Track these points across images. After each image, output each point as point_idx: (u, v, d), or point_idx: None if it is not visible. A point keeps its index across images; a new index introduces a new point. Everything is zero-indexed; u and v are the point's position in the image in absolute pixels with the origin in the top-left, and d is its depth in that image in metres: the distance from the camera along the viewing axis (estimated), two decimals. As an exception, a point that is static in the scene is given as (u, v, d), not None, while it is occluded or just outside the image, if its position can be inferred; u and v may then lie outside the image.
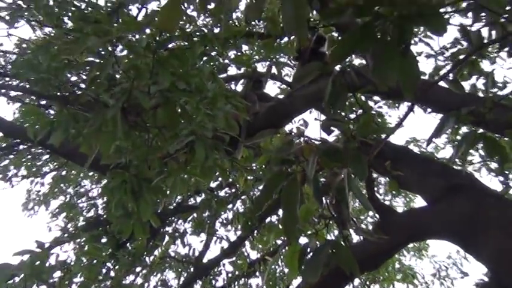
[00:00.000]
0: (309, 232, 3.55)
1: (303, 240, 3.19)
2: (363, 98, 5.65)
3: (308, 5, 1.79)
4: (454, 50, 4.61)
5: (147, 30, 3.35)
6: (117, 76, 3.28)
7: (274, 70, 6.25)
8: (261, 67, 6.45)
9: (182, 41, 3.54)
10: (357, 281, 7.89)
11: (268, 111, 5.39)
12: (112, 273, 6.54)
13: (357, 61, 7.21)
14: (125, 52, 3.31)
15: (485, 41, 2.95)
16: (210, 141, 3.46)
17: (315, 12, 5.87)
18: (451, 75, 3.47)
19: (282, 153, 3.07)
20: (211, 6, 5.29)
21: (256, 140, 4.28)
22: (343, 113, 4.52)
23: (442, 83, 4.30)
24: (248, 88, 5.83)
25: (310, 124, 4.10)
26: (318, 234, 3.30)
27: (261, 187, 7.47)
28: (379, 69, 1.68)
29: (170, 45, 3.29)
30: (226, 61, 5.29)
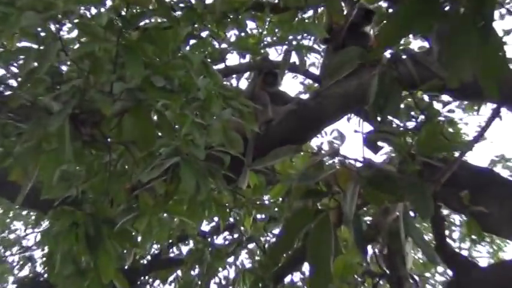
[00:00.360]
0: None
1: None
2: (426, 98, 5.66)
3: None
4: None
5: (109, 2, 3.38)
6: (65, 69, 3.31)
7: (294, 58, 6.27)
8: (274, 53, 6.53)
9: (160, 16, 3.58)
10: None
11: (286, 119, 5.46)
12: None
13: (416, 45, 7.26)
14: (76, 34, 3.35)
15: None
16: (202, 164, 3.48)
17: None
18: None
19: (308, 181, 3.09)
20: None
21: (270, 162, 4.25)
22: (396, 121, 4.55)
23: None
24: (257, 85, 5.85)
25: (348, 137, 4.12)
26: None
27: (277, 231, 7.47)
28: (448, 57, 1.69)
29: (142, 23, 3.32)
30: (225, 45, 5.34)
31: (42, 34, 3.21)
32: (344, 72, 3.86)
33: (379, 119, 3.71)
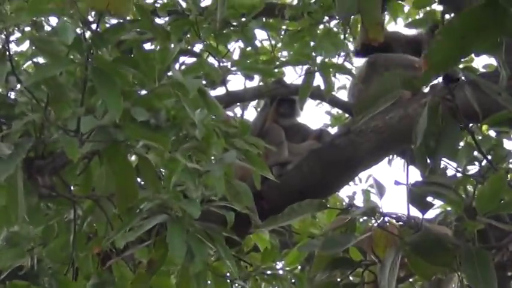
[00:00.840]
0: None
1: None
2: (492, 134, 5.65)
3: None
4: None
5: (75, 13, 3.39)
6: (19, 100, 3.32)
7: (318, 80, 6.22)
8: (292, 75, 6.50)
9: (144, 30, 3.60)
10: None
11: (307, 162, 5.51)
12: None
13: (479, 63, 7.28)
14: (33, 53, 3.36)
15: None
16: (198, 224, 3.47)
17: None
18: None
19: (335, 248, 3.10)
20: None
21: (285, 221, 4.18)
22: (452, 165, 4.53)
23: None
24: (269, 116, 5.85)
25: (388, 188, 4.09)
26: None
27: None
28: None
29: (121, 39, 3.35)
30: (226, 64, 5.35)
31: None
32: (383, 104, 3.83)
33: (429, 162, 3.68)
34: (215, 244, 3.62)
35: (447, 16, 6.17)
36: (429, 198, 3.44)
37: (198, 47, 5.61)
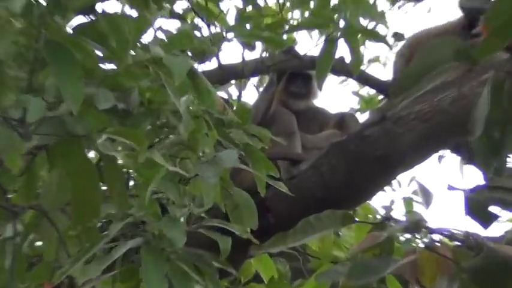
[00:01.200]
0: None
1: None
2: None
3: None
4: None
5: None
6: None
7: (342, 51, 6.19)
8: (307, 41, 6.45)
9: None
10: None
11: (327, 158, 5.50)
12: None
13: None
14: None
15: None
16: (182, 251, 3.47)
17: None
18: None
19: (366, 276, 3.09)
20: None
21: (298, 241, 4.10)
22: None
23: None
24: (276, 97, 5.85)
25: (438, 194, 4.08)
26: None
27: None
28: None
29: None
30: (219, 30, 5.37)
31: None
32: (432, 81, 3.80)
33: (493, 160, 3.66)
34: (204, 277, 3.62)
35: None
36: (494, 209, 3.40)
37: (181, 5, 5.59)
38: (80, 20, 3.44)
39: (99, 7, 3.45)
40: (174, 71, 3.28)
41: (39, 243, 4.03)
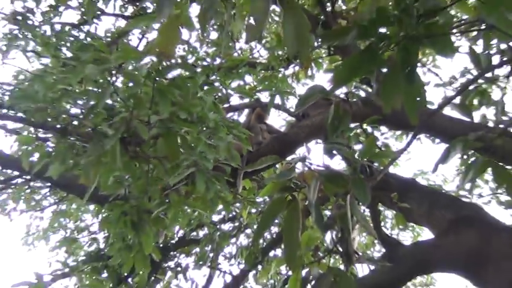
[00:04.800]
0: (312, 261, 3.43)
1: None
2: (370, 129, 5.58)
3: (310, 25, 1.73)
4: (463, 79, 4.45)
5: (147, 59, 3.30)
6: (116, 105, 3.25)
7: (278, 100, 6.12)
8: (265, 97, 6.33)
9: (184, 70, 3.49)
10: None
11: (271, 142, 5.31)
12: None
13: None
14: (124, 81, 3.29)
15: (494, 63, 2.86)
16: (211, 172, 3.41)
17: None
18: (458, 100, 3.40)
19: (283, 179, 2.97)
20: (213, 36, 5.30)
21: (257, 167, 4.12)
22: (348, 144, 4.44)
23: (449, 113, 4.25)
24: (252, 119, 5.72)
25: (314, 152, 4.00)
26: (321, 263, 3.20)
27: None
28: (383, 92, 1.63)
29: (171, 75, 3.25)
30: (229, 91, 5.24)
31: (100, 81, 3.14)
32: (310, 101, 3.68)
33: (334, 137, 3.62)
34: (221, 183, 3.54)
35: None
36: (334, 152, 3.33)
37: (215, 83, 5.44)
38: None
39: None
40: (206, 101, 3.36)
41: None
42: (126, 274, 6.42)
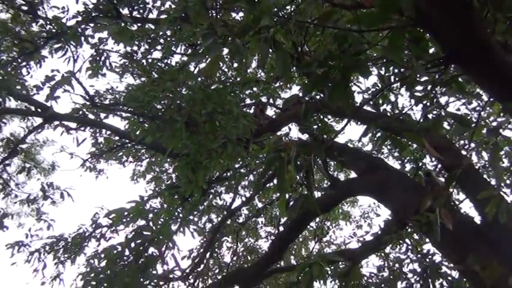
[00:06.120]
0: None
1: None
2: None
3: (290, 59, 1.72)
4: (373, 89, 4.46)
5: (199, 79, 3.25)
6: (182, 104, 3.22)
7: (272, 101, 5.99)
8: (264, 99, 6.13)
9: (219, 84, 3.44)
10: (317, 219, 7.77)
11: (267, 125, 5.19)
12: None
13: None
14: (187, 90, 3.25)
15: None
16: (235, 141, 3.38)
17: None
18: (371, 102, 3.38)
19: (275, 145, 2.92)
20: (236, 65, 5.19)
21: (261, 139, 4.10)
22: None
23: (368, 108, 4.21)
24: (257, 111, 5.66)
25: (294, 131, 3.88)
26: (296, 191, 3.21)
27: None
28: (331, 97, 1.63)
29: (213, 87, 3.21)
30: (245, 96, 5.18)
31: (173, 90, 3.08)
32: (290, 102, 3.62)
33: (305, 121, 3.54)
34: (240, 147, 3.43)
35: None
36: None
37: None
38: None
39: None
40: (232, 102, 3.11)
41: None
42: (187, 196, 6.46)
